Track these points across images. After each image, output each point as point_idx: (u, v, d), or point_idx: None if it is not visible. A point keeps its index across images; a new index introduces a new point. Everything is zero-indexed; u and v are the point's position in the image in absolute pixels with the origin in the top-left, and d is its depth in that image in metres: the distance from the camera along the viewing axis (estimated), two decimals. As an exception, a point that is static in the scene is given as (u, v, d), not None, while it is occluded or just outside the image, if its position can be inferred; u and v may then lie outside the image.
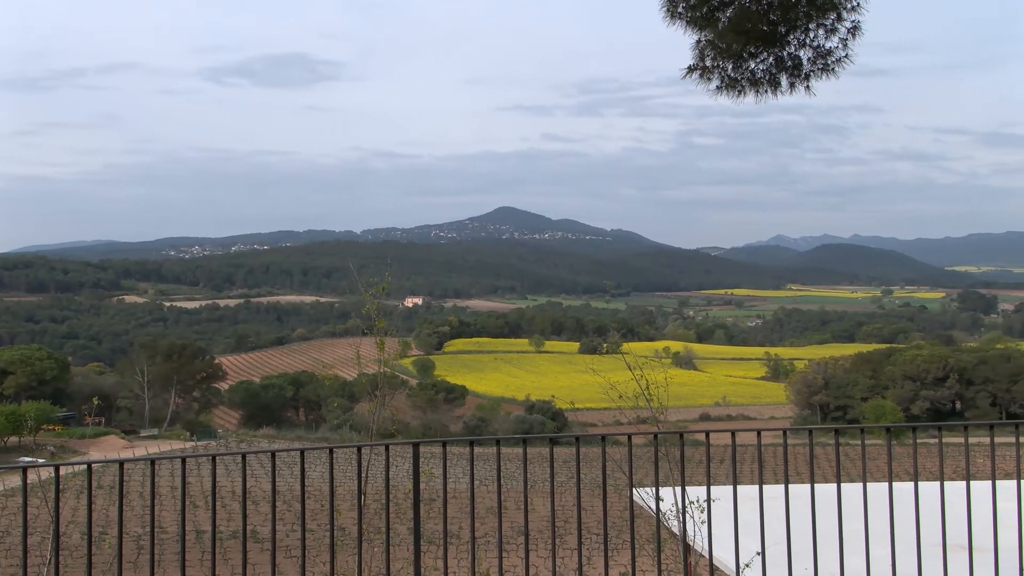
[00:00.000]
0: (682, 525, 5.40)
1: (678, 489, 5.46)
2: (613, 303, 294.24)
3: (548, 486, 4.63)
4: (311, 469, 40.82)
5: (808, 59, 6.89)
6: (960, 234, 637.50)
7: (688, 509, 5.87)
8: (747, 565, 5.52)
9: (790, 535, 5.00)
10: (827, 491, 5.26)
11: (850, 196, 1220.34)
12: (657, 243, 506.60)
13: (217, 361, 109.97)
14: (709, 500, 5.21)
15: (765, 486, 5.22)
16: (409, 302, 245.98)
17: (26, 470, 4.22)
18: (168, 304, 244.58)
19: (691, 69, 7.11)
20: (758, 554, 5.17)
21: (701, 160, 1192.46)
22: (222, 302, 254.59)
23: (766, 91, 7.08)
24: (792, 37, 6.80)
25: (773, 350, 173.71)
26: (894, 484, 5.11)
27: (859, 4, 6.63)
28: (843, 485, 5.25)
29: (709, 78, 7.15)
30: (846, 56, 6.86)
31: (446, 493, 5.00)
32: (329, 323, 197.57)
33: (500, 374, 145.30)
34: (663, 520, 6.03)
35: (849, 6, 6.63)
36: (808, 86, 7.01)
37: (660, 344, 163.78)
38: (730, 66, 7.01)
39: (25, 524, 4.19)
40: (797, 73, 6.94)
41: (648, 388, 8.85)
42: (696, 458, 9.42)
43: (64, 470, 4.38)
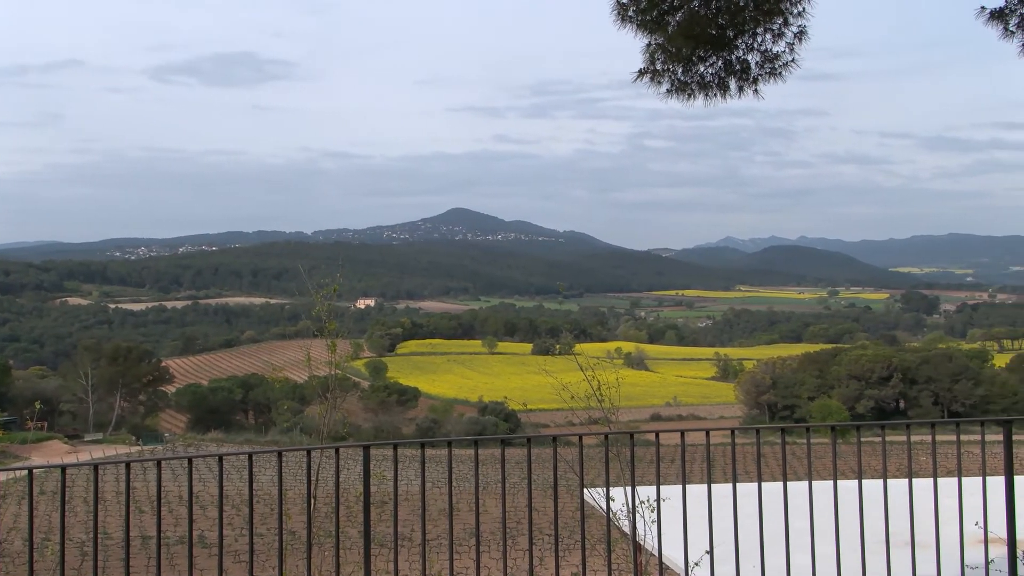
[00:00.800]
0: (632, 525, 5.44)
1: (629, 489, 5.50)
2: (566, 304, 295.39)
3: (501, 487, 4.63)
4: (261, 473, 40.32)
5: (756, 63, 6.99)
6: (903, 236, 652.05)
7: (639, 509, 5.91)
8: (696, 563, 5.58)
9: (738, 533, 5.07)
10: (775, 489, 5.34)
11: (797, 198, 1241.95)
12: (609, 244, 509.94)
13: (164, 364, 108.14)
14: (659, 500, 5.26)
15: (715, 485, 5.28)
16: (361, 304, 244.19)
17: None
18: (113, 306, 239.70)
19: (642, 72, 7.17)
20: (707, 552, 5.22)
21: (652, 162, 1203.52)
22: (169, 304, 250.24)
23: (715, 95, 7.17)
24: (740, 41, 6.89)
25: (723, 350, 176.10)
26: (839, 482, 5.20)
27: (805, 9, 6.75)
28: (790, 483, 5.33)
29: (659, 81, 7.22)
30: (793, 60, 6.98)
31: (396, 496, 4.97)
32: (279, 325, 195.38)
33: (453, 375, 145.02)
34: (614, 520, 6.07)
35: (795, 11, 6.75)
36: (756, 90, 7.11)
37: (612, 345, 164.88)
38: (680, 70, 7.09)
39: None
40: (745, 77, 7.04)
41: (600, 389, 8.91)
42: (647, 458, 9.48)
43: (5, 476, 4.27)
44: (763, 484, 5.21)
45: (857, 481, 5.18)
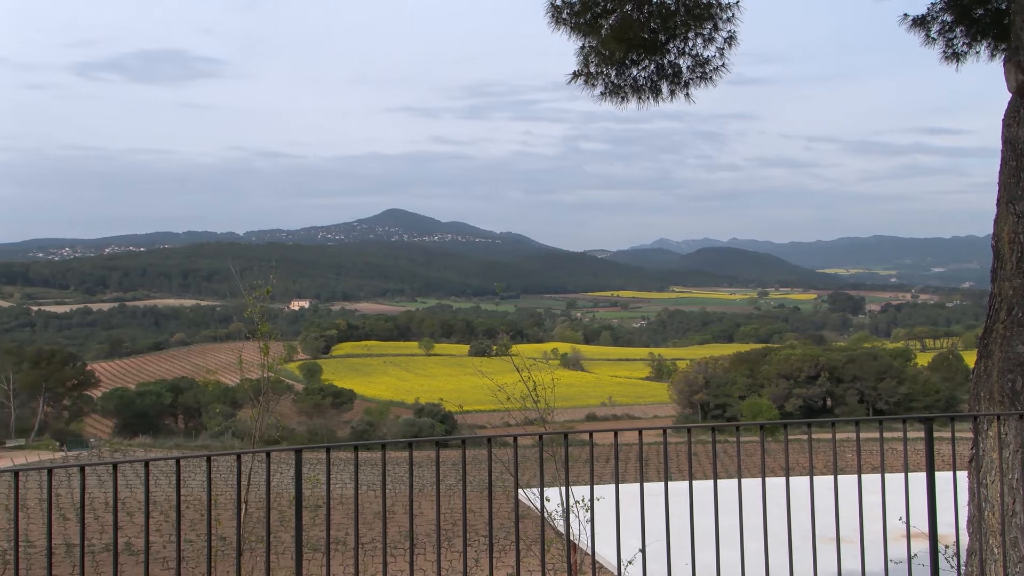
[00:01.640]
0: (567, 524, 5.47)
1: (564, 489, 5.53)
2: (503, 305, 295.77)
3: (436, 490, 4.61)
4: (191, 478, 39.51)
5: (687, 67, 7.10)
6: (830, 238, 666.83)
7: (573, 509, 5.94)
8: (630, 562, 5.63)
9: (669, 531, 5.13)
10: (707, 487, 5.42)
11: (729, 201, 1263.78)
12: (546, 246, 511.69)
13: (89, 368, 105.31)
14: (593, 499, 5.29)
15: (649, 483, 5.34)
16: (295, 305, 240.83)
17: None
18: (36, 308, 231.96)
19: (576, 75, 7.23)
20: (640, 551, 5.28)
21: (588, 164, 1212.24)
22: (95, 306, 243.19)
23: (648, 98, 7.26)
24: (672, 45, 6.99)
25: (657, 350, 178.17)
26: (768, 479, 5.30)
27: (734, 15, 6.88)
28: (721, 481, 5.41)
29: (593, 84, 7.28)
30: (723, 65, 7.11)
31: (329, 499, 4.91)
32: (210, 327, 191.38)
33: (389, 377, 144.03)
34: (549, 520, 6.10)
35: (725, 17, 6.87)
36: (688, 93, 7.23)
37: (549, 346, 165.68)
38: (613, 73, 7.16)
39: None
40: (677, 81, 7.14)
41: (535, 389, 8.96)
42: (583, 458, 9.54)
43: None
44: (695, 482, 5.28)
45: (785, 479, 5.29)
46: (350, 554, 23.85)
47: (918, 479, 5.46)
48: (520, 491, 6.24)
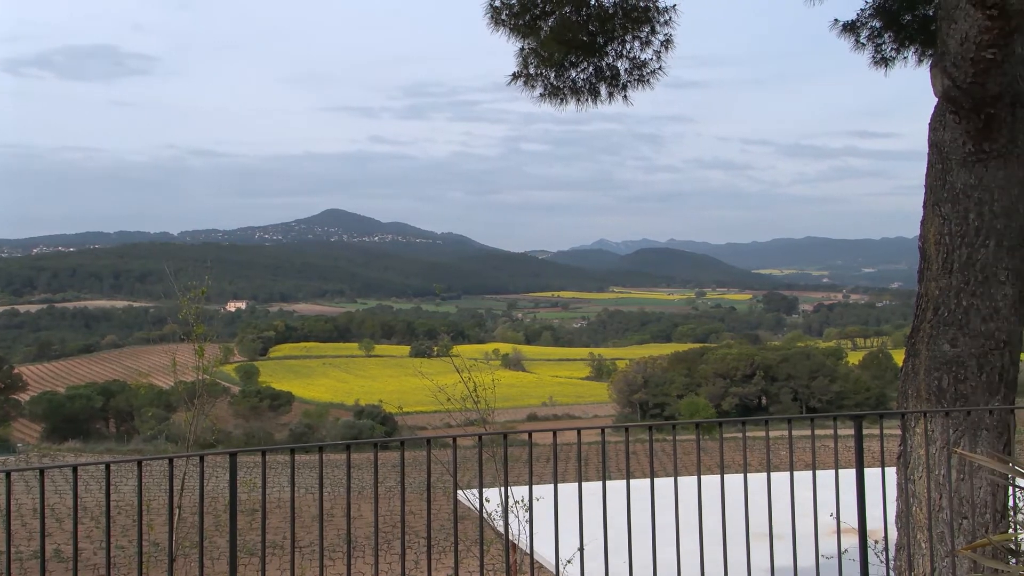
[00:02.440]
0: (505, 524, 5.47)
1: (503, 489, 5.53)
2: (444, 306, 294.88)
3: (374, 491, 4.58)
4: (123, 483, 38.61)
5: (625, 69, 7.17)
6: (765, 239, 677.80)
7: (512, 509, 5.95)
8: (569, 561, 5.66)
9: (607, 529, 5.17)
10: (645, 486, 5.48)
11: (667, 202, 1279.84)
12: (487, 246, 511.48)
13: (16, 371, 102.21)
14: (531, 499, 5.31)
15: (588, 483, 5.37)
16: (232, 306, 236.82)
17: None
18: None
19: (515, 76, 7.24)
20: (579, 549, 5.31)
21: (528, 165, 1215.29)
22: (22, 308, 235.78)
23: (587, 99, 7.31)
24: (610, 48, 7.05)
25: (597, 350, 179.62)
26: (704, 477, 5.38)
27: (672, 18, 6.97)
28: (658, 479, 5.47)
29: (533, 85, 7.31)
30: (660, 68, 7.20)
31: (265, 503, 4.85)
32: (143, 329, 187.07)
33: (328, 379, 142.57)
34: (488, 521, 6.09)
35: (662, 20, 6.96)
36: (626, 96, 7.30)
37: (490, 346, 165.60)
38: (552, 74, 7.19)
39: None
40: (615, 83, 7.21)
41: (476, 390, 8.94)
42: (524, 458, 9.55)
43: None
44: (633, 481, 5.33)
45: (720, 476, 5.37)
46: (287, 558, 23.53)
47: (848, 476, 5.59)
48: (460, 492, 6.23)
